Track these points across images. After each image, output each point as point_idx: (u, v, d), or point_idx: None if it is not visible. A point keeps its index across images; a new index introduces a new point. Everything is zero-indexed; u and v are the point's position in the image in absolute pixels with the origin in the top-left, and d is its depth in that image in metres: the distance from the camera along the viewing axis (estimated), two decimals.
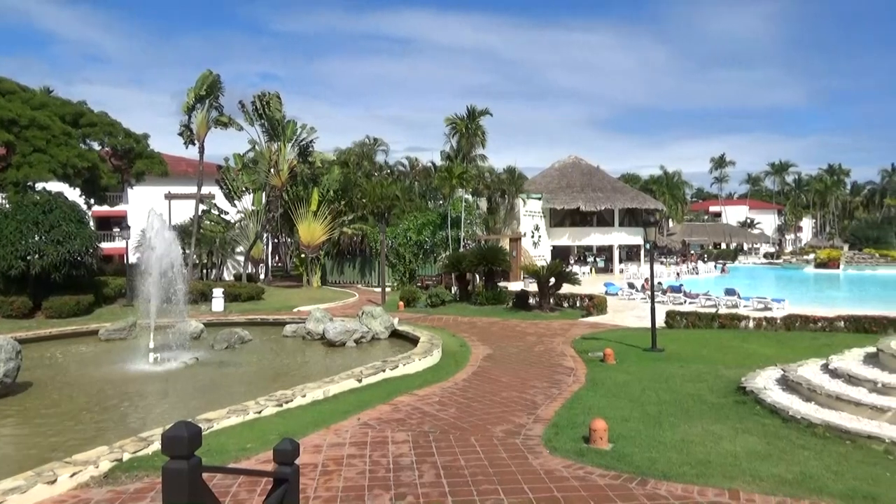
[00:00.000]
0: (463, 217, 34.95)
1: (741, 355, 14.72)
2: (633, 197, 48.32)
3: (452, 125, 43.15)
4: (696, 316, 19.79)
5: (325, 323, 17.67)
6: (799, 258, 61.22)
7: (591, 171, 49.73)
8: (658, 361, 14.18)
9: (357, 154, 54.04)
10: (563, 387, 11.73)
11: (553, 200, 45.35)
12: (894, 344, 10.70)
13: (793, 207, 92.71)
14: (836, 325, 18.54)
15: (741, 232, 77.56)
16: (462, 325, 20.60)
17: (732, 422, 9.36)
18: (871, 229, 68.84)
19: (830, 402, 9.58)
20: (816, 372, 11.04)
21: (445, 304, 25.42)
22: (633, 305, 26.03)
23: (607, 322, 21.19)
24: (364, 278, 37.34)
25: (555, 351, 15.69)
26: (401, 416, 9.68)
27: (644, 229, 17.31)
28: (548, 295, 23.94)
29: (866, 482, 6.97)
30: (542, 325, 20.32)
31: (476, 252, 27.18)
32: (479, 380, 12.41)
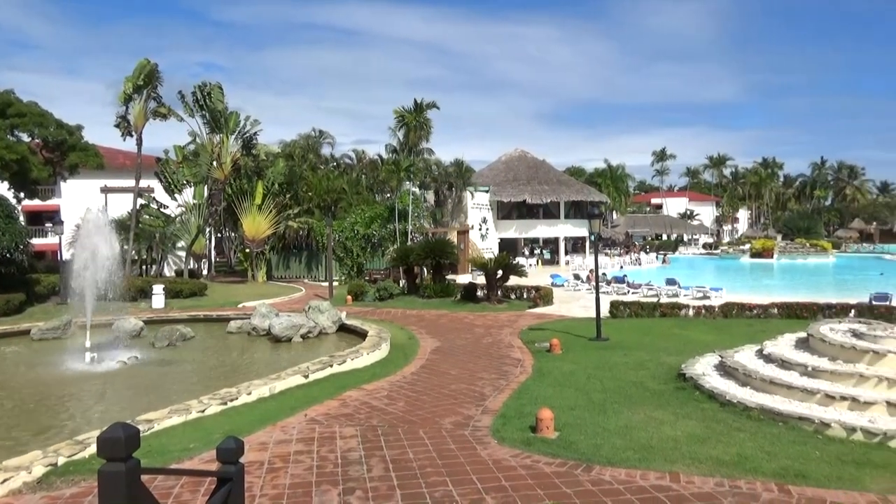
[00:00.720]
0: (410, 210, 34.90)
1: (682, 343, 15.20)
2: (579, 190, 49.11)
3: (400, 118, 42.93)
4: (639, 305, 20.32)
5: (271, 318, 17.40)
6: (735, 248, 63.47)
7: (538, 164, 50.26)
8: (603, 350, 14.50)
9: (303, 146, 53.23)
10: (511, 378, 11.86)
11: (500, 193, 45.66)
12: (823, 329, 11.23)
13: (730, 199, 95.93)
14: (770, 311, 19.36)
15: (681, 223, 79.88)
16: (410, 318, 20.59)
17: (673, 407, 9.66)
18: (803, 220, 72.00)
19: (765, 386, 9.99)
20: (752, 357, 11.49)
21: (394, 297, 25.35)
22: (579, 296, 26.52)
23: (554, 313, 21.53)
24: (311, 273, 36.89)
25: (502, 342, 15.84)
26: (349, 411, 9.62)
27: (589, 221, 17.65)
28: (495, 287, 24.13)
29: (797, 461, 7.31)
30: (490, 317, 20.49)
31: (424, 245, 27.18)
32: (428, 373, 12.44)
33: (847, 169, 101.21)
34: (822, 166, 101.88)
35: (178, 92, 33.22)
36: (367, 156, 54.78)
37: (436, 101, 41.69)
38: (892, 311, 18.07)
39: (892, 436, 7.98)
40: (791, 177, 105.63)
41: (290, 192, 37.33)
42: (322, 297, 24.81)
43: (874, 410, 8.71)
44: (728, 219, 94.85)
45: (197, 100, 33.03)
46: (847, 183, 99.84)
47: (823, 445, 7.92)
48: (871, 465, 7.21)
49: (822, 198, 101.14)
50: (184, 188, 35.36)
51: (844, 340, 10.30)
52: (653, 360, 13.27)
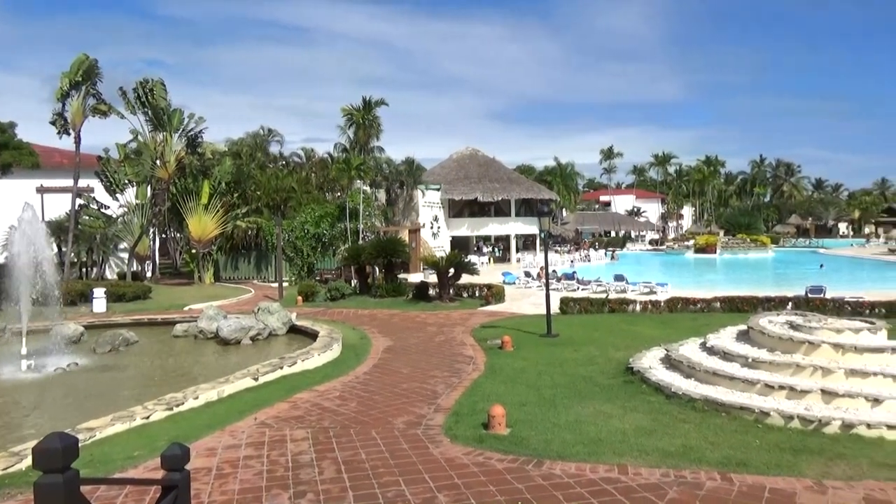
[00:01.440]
0: (361, 209, 34.68)
1: (629, 337, 15.55)
2: (529, 188, 49.67)
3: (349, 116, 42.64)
4: (588, 301, 20.70)
5: (219, 321, 17.04)
6: (680, 244, 65.24)
7: (488, 162, 50.62)
8: (553, 347, 14.72)
9: (251, 145, 52.32)
10: (463, 375, 11.93)
11: (451, 191, 45.81)
12: (762, 322, 11.66)
13: (675, 196, 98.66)
14: (713, 305, 19.99)
15: (629, 220, 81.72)
16: (362, 317, 20.48)
17: (621, 401, 9.89)
18: (743, 216, 74.47)
19: (708, 377, 10.32)
20: (696, 350, 11.85)
21: (345, 297, 25.14)
22: (530, 293, 26.81)
23: (505, 310, 21.72)
24: (260, 273, 36.27)
25: (455, 340, 15.90)
26: (300, 414, 9.52)
27: (539, 219, 17.88)
28: (447, 285, 24.19)
29: (739, 450, 7.58)
30: (442, 316, 20.54)
31: (375, 244, 27.06)
32: (380, 372, 12.40)
33: (784, 166, 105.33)
34: (762, 164, 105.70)
35: (118, 88, 32.19)
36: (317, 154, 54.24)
37: (385, 98, 41.58)
38: (826, 303, 18.88)
39: (827, 422, 8.35)
40: (732, 174, 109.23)
41: (238, 191, 36.61)
42: (272, 298, 24.44)
43: (810, 399, 9.09)
44: (673, 215, 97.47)
45: (139, 96, 32.04)
46: (784, 180, 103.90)
47: (763, 434, 8.22)
48: (807, 452, 7.53)
49: (761, 194, 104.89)
50: (126, 188, 34.26)
51: (782, 332, 10.71)
52: (602, 355, 13.54)
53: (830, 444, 7.80)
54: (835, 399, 8.96)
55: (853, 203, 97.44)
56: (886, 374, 9.29)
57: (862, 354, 9.78)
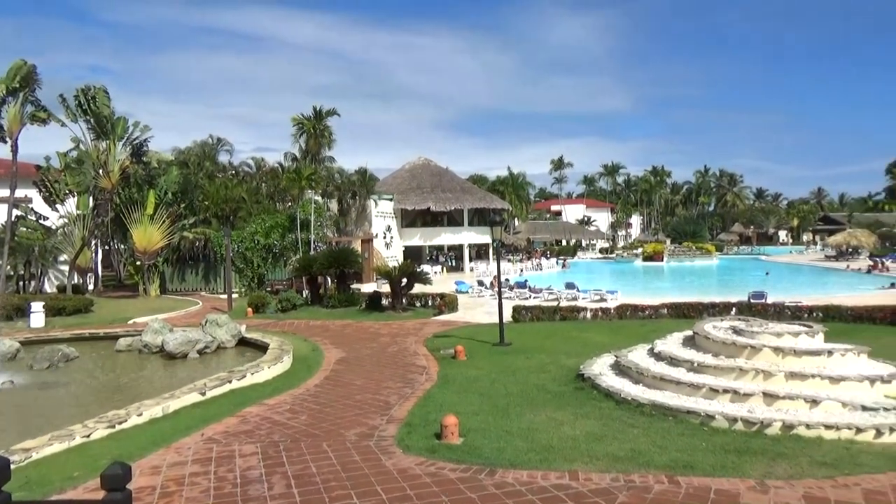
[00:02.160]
0: (313, 219, 34.32)
1: (580, 344, 15.77)
2: (482, 197, 50.04)
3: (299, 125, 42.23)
4: (540, 310, 20.93)
5: (165, 334, 16.58)
6: (629, 252, 66.63)
7: (441, 172, 50.82)
8: (506, 355, 14.80)
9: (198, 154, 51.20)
10: (417, 386, 11.89)
11: (404, 201, 45.81)
12: (707, 327, 11.98)
13: (623, 206, 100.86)
14: (660, 312, 20.47)
15: (579, 229, 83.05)
16: (314, 329, 20.24)
17: (573, 407, 10.00)
18: (689, 225, 76.78)
19: (656, 382, 10.54)
20: (644, 356, 12.09)
21: (297, 308, 24.81)
22: (483, 302, 26.95)
23: (458, 319, 21.77)
24: (209, 285, 35.48)
25: (408, 350, 15.85)
26: (249, 428, 9.32)
27: (491, 228, 18.03)
28: (400, 295, 24.14)
29: (685, 453, 7.76)
30: (396, 326, 20.47)
31: (327, 254, 26.81)
32: (332, 384, 12.26)
33: (727, 177, 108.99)
34: (706, 174, 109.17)
35: (59, 95, 31.09)
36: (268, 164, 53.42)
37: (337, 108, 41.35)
38: (767, 308, 19.56)
39: (769, 424, 8.62)
40: (678, 184, 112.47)
41: (185, 201, 35.78)
42: (220, 310, 23.94)
43: (752, 401, 9.37)
44: (622, 224, 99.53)
45: (80, 104, 31.01)
46: (728, 190, 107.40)
47: (709, 436, 8.44)
48: (751, 453, 7.76)
49: (706, 203, 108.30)
50: (67, 198, 33.11)
51: (725, 337, 11.03)
52: (553, 362, 13.69)
53: (772, 445, 8.05)
54: (776, 401, 9.26)
55: (792, 212, 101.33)
56: (823, 376, 9.65)
57: (801, 357, 10.15)
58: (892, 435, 8.23)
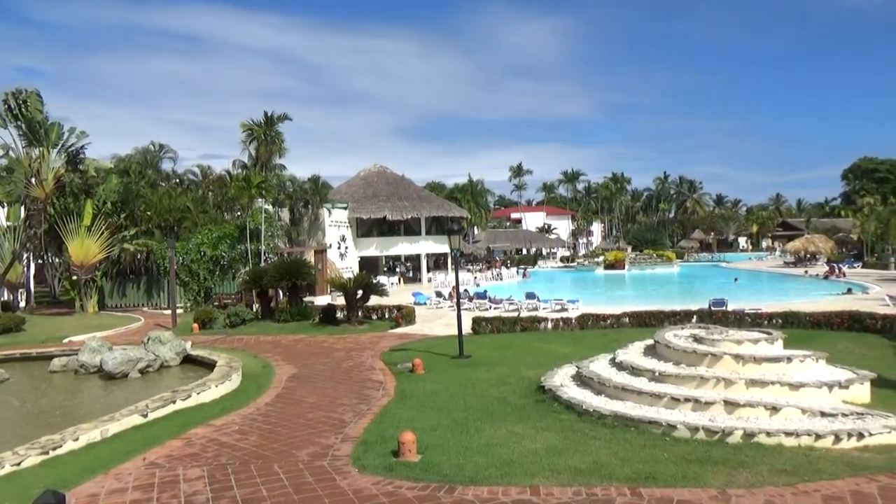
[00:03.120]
0: (263, 229, 33.88)
1: (541, 356, 15.92)
2: (439, 205, 50.16)
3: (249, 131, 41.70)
4: (501, 321, 21.05)
5: (103, 353, 16.11)
6: (590, 261, 67.71)
7: (397, 179, 50.81)
8: (465, 368, 14.85)
9: (140, 161, 50.15)
10: (373, 402, 11.83)
11: (359, 210, 45.62)
12: (668, 335, 12.23)
13: (584, 213, 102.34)
14: (622, 321, 20.81)
15: (540, 237, 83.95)
16: (265, 344, 19.97)
17: (534, 420, 10.08)
18: (650, 232, 78.34)
19: (617, 393, 10.70)
20: (605, 366, 12.26)
21: (246, 323, 24.45)
22: (442, 314, 27.00)
23: (416, 332, 21.76)
24: (151, 300, 34.64)
25: (364, 365, 15.78)
26: (195, 451, 9.11)
27: (449, 237, 18.11)
28: (356, 308, 24.02)
29: (647, 464, 7.89)
30: (351, 340, 20.35)
31: (278, 266, 26.46)
32: (284, 402, 12.10)
33: (687, 183, 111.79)
34: (666, 181, 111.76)
35: None
36: (215, 172, 52.63)
37: (289, 113, 40.95)
38: (728, 315, 20.08)
39: (730, 432, 8.83)
40: (639, 191, 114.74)
41: (126, 211, 34.93)
42: (164, 326, 23.43)
43: (714, 410, 9.60)
44: (583, 232, 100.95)
45: (10, 108, 30.02)
46: (688, 196, 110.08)
47: (671, 447, 8.60)
48: (712, 462, 7.93)
49: (666, 210, 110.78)
50: None
51: (686, 345, 11.28)
52: (514, 374, 13.78)
53: (733, 454, 8.25)
54: (737, 409, 9.50)
55: (751, 218, 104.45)
56: (783, 383, 9.95)
57: (760, 364, 10.44)
58: (851, 440, 8.52)
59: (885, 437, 8.59)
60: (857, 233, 63.75)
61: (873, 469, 7.61)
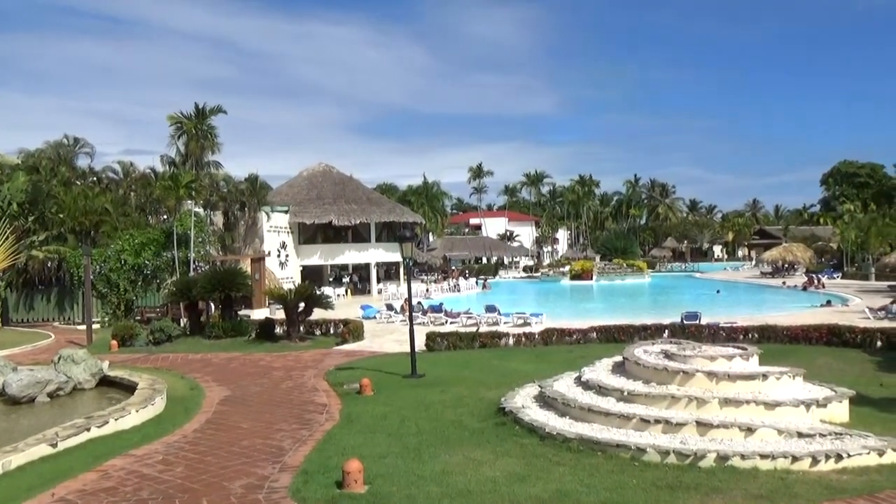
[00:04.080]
0: (193, 235, 33.35)
1: (502, 374, 16.07)
2: (391, 209, 50.19)
3: (178, 125, 40.99)
4: (458, 336, 21.18)
5: (6, 374, 15.59)
6: (556, 271, 68.55)
7: (345, 180, 50.70)
8: (419, 388, 14.89)
9: (51, 157, 48.67)
10: (315, 427, 11.76)
11: (302, 214, 45.34)
12: (637, 352, 12.46)
13: (549, 219, 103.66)
14: (589, 336, 21.15)
15: (501, 245, 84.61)
16: (194, 363, 19.70)
17: (493, 445, 10.15)
18: (619, 240, 79.78)
19: (583, 414, 10.84)
20: (571, 385, 12.42)
21: (173, 339, 24.03)
22: (393, 329, 27.04)
23: (365, 349, 21.79)
24: (63, 314, 33.74)
25: (305, 386, 15.73)
26: (111, 485, 8.89)
27: (401, 245, 18.14)
28: (297, 322, 23.91)
29: (615, 492, 8.01)
30: (292, 358, 20.25)
31: (210, 276, 26.12)
32: (215, 428, 11.93)
33: (659, 187, 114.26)
34: (637, 184, 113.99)
35: None
36: (138, 169, 51.47)
37: (223, 105, 40.35)
38: (701, 329, 20.58)
39: (702, 455, 9.03)
40: (608, 195, 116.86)
41: (35, 213, 34.02)
42: (78, 343, 22.87)
43: (685, 432, 9.80)
44: (548, 239, 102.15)
45: None
46: (660, 201, 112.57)
47: (640, 472, 8.75)
48: (684, 488, 8.10)
49: (637, 216, 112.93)
50: None
51: (657, 362, 11.51)
52: (472, 395, 13.86)
53: (706, 479, 8.43)
54: (710, 430, 9.72)
55: (727, 225, 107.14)
56: (759, 402, 10.22)
57: (735, 382, 10.71)
58: (829, 462, 8.80)
59: (864, 459, 8.90)
60: (837, 241, 66.05)
61: (852, 492, 7.88)
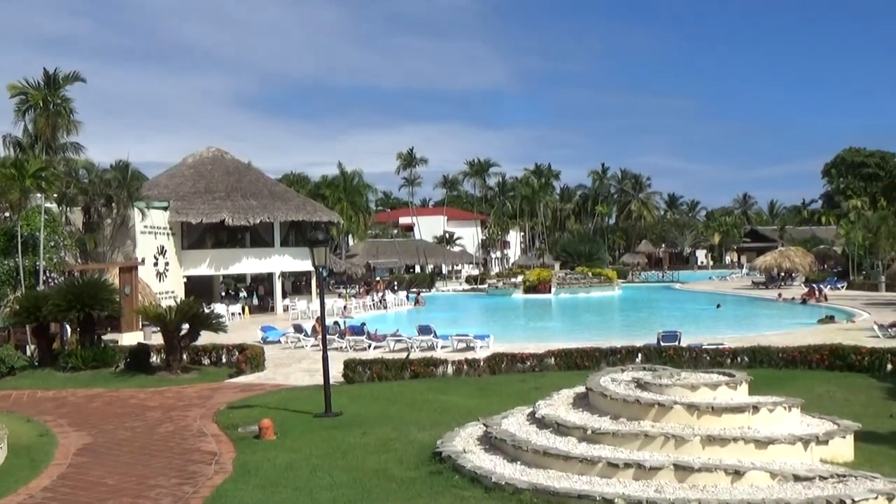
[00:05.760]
0: (43, 237, 32.48)
1: (438, 411, 16.19)
2: (300, 206, 49.96)
3: (22, 96, 39.84)
4: (383, 365, 21.17)
5: None
6: (506, 282, 69.06)
7: (241, 169, 50.30)
8: (334, 430, 14.85)
9: None
10: (201, 482, 11.64)
11: (187, 211, 44.77)
12: (604, 381, 12.66)
13: (498, 217, 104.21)
14: (546, 362, 21.43)
15: (439, 250, 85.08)
16: (44, 403, 19.37)
17: (426, 500, 10.18)
18: (584, 243, 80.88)
19: (538, 459, 10.95)
20: (523, 423, 12.54)
21: (16, 372, 23.54)
22: (302, 355, 26.94)
23: (266, 382, 21.70)
24: None
25: (189, 430, 15.56)
26: None
27: (311, 250, 18.04)
28: (179, 349, 23.59)
29: None
30: (172, 394, 20.02)
31: (66, 291, 25.54)
32: (71, 486, 11.72)
33: (631, 179, 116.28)
34: (604, 175, 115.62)
35: None
36: None
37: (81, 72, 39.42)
38: (681, 352, 21.08)
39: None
40: (570, 189, 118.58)
41: None
42: None
43: (662, 477, 10.00)
44: (496, 243, 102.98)
45: None
46: (632, 196, 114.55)
47: None
48: None
49: (605, 215, 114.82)
50: None
51: (627, 393, 11.72)
52: (401, 437, 13.89)
53: None
54: (690, 475, 9.94)
55: (712, 225, 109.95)
56: (748, 439, 10.51)
57: (720, 416, 10.99)
58: None
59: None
60: (842, 245, 68.52)
61: None
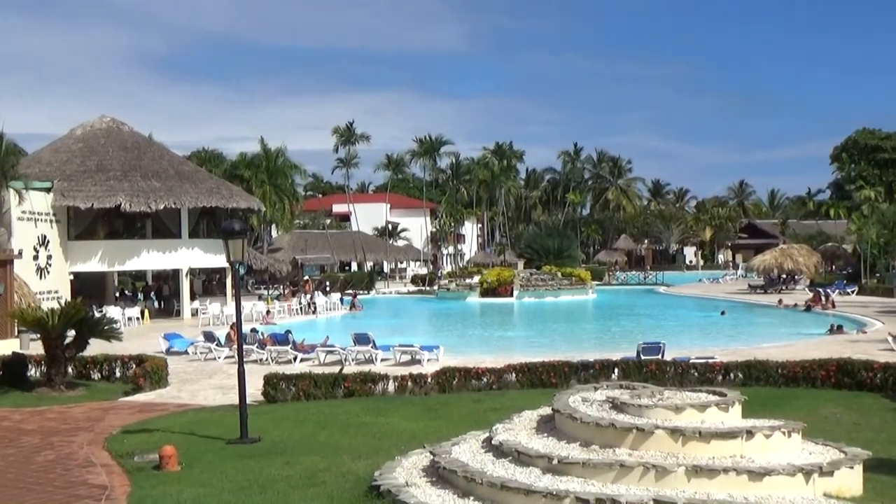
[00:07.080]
0: None
1: (377, 436, 16.13)
2: (213, 189, 49.57)
3: None
4: (312, 381, 21.03)
5: None
6: (460, 283, 69.23)
7: (141, 144, 49.84)
8: (251, 459, 14.72)
9: None
10: None
11: (74, 194, 44.24)
12: (573, 401, 12.73)
13: (450, 206, 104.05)
14: (505, 378, 21.47)
15: (380, 244, 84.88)
16: None
17: None
18: (553, 238, 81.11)
19: (494, 493, 10.95)
20: (478, 451, 12.55)
21: None
22: (214, 369, 26.76)
23: (169, 401, 21.52)
24: None
25: (74, 458, 15.33)
26: None
27: (226, 243, 17.84)
28: (63, 361, 23.23)
29: None
30: (54, 415, 19.76)
31: None
32: None
33: (609, 163, 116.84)
34: (577, 157, 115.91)
35: None
36: None
37: None
38: (665, 367, 21.22)
39: None
40: (537, 172, 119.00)
41: None
42: None
43: None
44: (449, 236, 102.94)
45: None
46: (610, 182, 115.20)
47: None
48: None
49: (577, 204, 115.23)
50: None
51: (601, 416, 11.79)
52: (331, 468, 13.80)
53: None
54: None
55: (703, 217, 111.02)
56: (740, 470, 10.62)
57: (709, 442, 11.10)
58: None
59: None
60: (853, 242, 69.57)
61: None
